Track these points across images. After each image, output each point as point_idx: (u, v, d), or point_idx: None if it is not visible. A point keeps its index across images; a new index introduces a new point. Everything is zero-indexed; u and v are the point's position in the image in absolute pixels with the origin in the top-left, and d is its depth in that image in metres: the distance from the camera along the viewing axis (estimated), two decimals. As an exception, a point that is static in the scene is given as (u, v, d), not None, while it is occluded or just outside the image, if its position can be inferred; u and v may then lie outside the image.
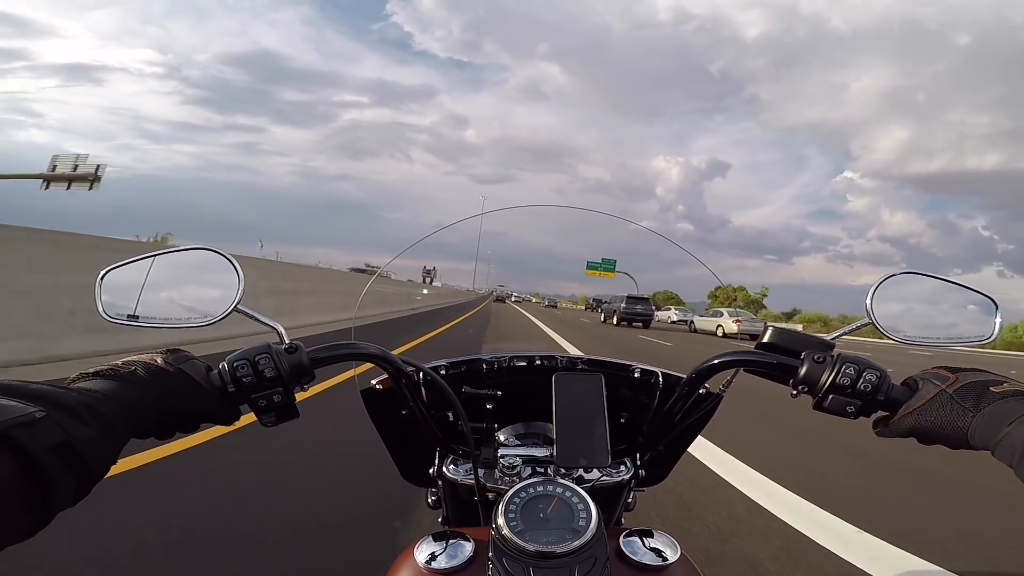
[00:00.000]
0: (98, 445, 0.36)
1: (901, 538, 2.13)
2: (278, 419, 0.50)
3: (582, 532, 0.49)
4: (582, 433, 0.64)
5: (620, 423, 0.75)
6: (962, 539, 2.25)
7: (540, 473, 0.66)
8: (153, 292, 0.54)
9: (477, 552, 0.51)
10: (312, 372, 0.51)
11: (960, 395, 0.45)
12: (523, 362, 0.78)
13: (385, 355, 0.57)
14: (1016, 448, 0.39)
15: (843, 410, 0.49)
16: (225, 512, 2.04)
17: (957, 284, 0.57)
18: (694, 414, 0.68)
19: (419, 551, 0.51)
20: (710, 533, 2.13)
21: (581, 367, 0.76)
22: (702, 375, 0.60)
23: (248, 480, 2.38)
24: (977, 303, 0.57)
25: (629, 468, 0.72)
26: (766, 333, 0.56)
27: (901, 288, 0.57)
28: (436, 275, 75.47)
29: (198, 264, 0.56)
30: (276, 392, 0.48)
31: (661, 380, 0.74)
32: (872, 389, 0.48)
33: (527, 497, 0.53)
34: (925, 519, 2.48)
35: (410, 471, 0.80)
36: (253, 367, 0.48)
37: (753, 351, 0.56)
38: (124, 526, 1.82)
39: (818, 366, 0.51)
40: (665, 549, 0.52)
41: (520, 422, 0.77)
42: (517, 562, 0.47)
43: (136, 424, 0.41)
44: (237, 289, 0.54)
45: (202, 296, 0.55)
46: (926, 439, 0.47)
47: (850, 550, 2.00)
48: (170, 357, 0.46)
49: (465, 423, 0.63)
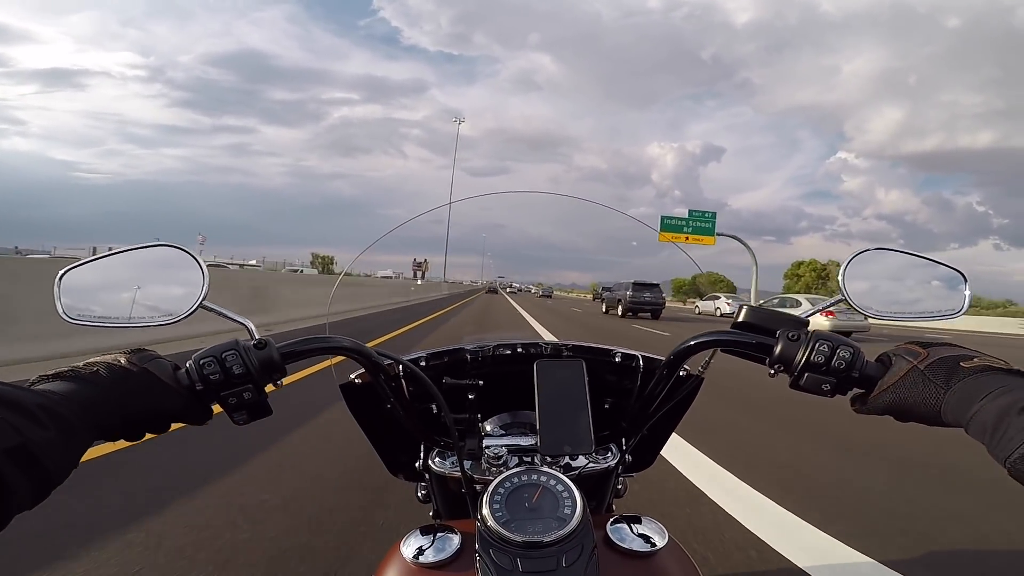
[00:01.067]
0: (57, 448, 0.36)
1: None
2: (250, 417, 0.49)
3: (568, 520, 0.49)
4: (565, 420, 0.64)
5: (604, 409, 0.75)
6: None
7: (526, 462, 0.66)
8: (115, 291, 0.53)
9: (464, 545, 0.51)
10: (283, 368, 0.50)
11: (931, 371, 0.45)
12: (506, 351, 0.78)
13: (359, 348, 0.56)
14: (987, 425, 0.39)
15: (819, 388, 0.50)
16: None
17: (927, 259, 0.58)
18: (675, 396, 0.68)
19: (406, 546, 0.51)
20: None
21: (566, 354, 0.76)
22: (680, 356, 0.60)
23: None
24: (947, 277, 0.58)
25: (615, 454, 0.72)
26: (741, 312, 0.57)
27: (873, 264, 0.58)
28: (427, 268, 73.76)
29: (161, 262, 0.55)
30: (246, 389, 0.47)
31: (642, 363, 0.74)
32: (846, 366, 0.49)
33: (511, 487, 0.53)
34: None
35: (397, 465, 0.80)
36: (220, 364, 0.47)
37: (729, 331, 0.56)
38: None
39: (792, 344, 0.51)
40: (653, 535, 0.52)
41: (505, 411, 0.77)
42: (504, 553, 0.47)
43: (99, 425, 0.40)
44: (202, 285, 0.53)
45: (166, 294, 0.54)
46: (902, 416, 0.47)
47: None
48: (134, 357, 0.45)
49: (447, 415, 0.62)
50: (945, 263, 0.58)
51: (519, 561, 0.46)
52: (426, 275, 69.25)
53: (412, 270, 77.07)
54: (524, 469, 0.55)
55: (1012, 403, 0.38)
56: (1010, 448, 0.36)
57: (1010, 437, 0.36)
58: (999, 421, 0.38)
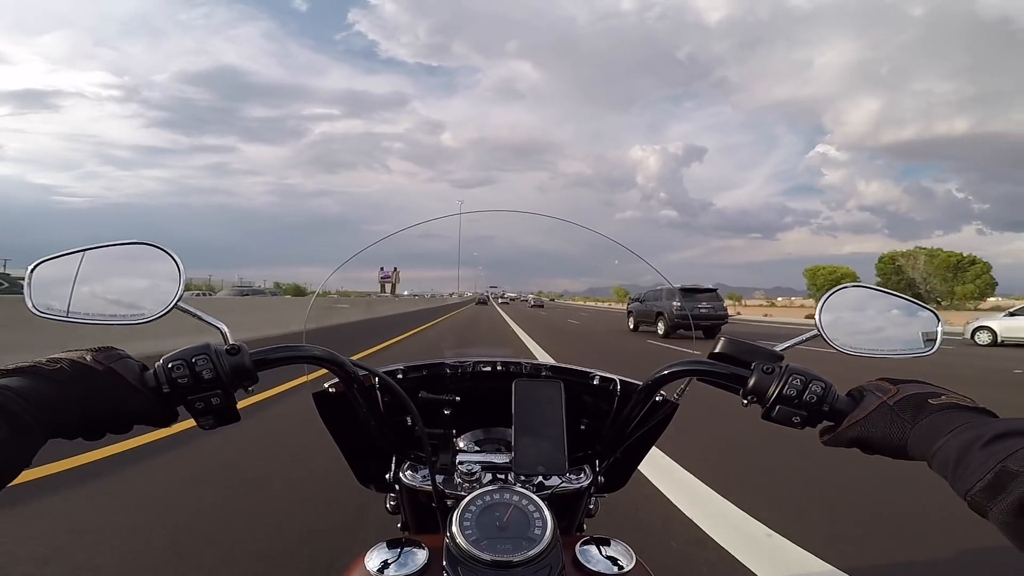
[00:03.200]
0: (7, 447, 0.35)
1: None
2: (216, 422, 0.48)
3: (537, 541, 0.48)
4: (541, 440, 0.64)
5: (580, 430, 0.75)
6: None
7: (499, 480, 0.65)
8: (88, 287, 0.52)
9: (431, 560, 0.50)
10: (255, 375, 0.49)
11: (900, 407, 0.46)
12: (486, 367, 0.77)
13: (333, 358, 0.55)
14: (949, 460, 0.40)
15: (790, 420, 0.51)
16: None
17: (903, 298, 0.60)
18: (650, 421, 0.68)
19: (370, 559, 0.50)
20: None
21: (545, 374, 0.76)
22: (657, 383, 0.61)
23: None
24: (922, 316, 0.60)
25: (588, 475, 0.72)
26: (718, 343, 0.57)
27: (849, 300, 0.59)
28: (398, 280, 63.48)
29: (137, 259, 0.54)
30: (214, 395, 0.47)
31: (619, 387, 0.74)
32: (817, 400, 0.50)
33: (483, 505, 0.52)
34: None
35: (367, 476, 0.78)
36: (190, 368, 0.46)
37: (705, 361, 0.57)
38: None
39: (766, 377, 0.51)
40: (621, 557, 0.52)
41: (480, 428, 0.76)
42: (472, 572, 0.46)
43: (56, 424, 0.39)
44: (178, 285, 0.52)
45: (141, 292, 0.53)
46: (868, 449, 0.48)
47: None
48: (100, 355, 0.44)
49: (421, 429, 0.62)
50: (918, 303, 0.60)
51: None
52: (395, 289, 59.80)
53: (379, 282, 63.89)
54: (496, 488, 0.55)
55: (974, 439, 0.39)
56: (971, 482, 0.37)
57: (972, 471, 0.38)
58: (961, 456, 0.39)
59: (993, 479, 0.36)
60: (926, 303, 0.60)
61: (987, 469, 0.36)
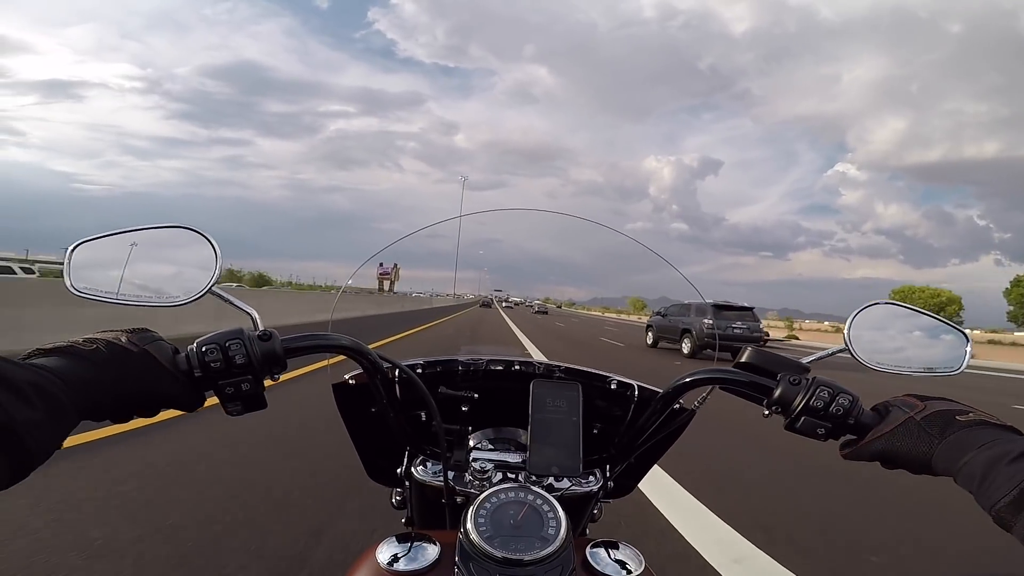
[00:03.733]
0: (42, 428, 0.34)
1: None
2: (244, 408, 0.48)
3: (551, 541, 0.49)
4: (556, 442, 0.64)
5: (593, 434, 0.75)
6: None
7: (511, 479, 0.66)
8: (125, 269, 0.53)
9: (442, 556, 0.50)
10: (284, 362, 0.50)
11: (927, 423, 0.46)
12: (500, 366, 0.78)
13: (360, 348, 0.56)
14: (975, 475, 0.40)
15: (814, 432, 0.51)
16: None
17: (932, 316, 0.60)
18: (666, 429, 0.68)
19: (381, 552, 0.50)
20: None
21: (559, 375, 0.76)
22: (677, 391, 0.61)
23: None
24: (949, 335, 0.60)
25: (598, 479, 0.72)
26: (744, 353, 0.57)
27: (878, 317, 0.59)
28: (398, 277, 60.59)
29: (175, 242, 0.55)
30: (245, 380, 0.47)
31: (637, 393, 0.74)
32: (843, 413, 0.50)
33: (498, 503, 0.52)
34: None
35: (376, 469, 0.79)
36: (223, 352, 0.46)
37: (729, 369, 0.57)
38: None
39: (793, 388, 0.51)
40: (629, 561, 0.52)
41: (493, 426, 0.76)
42: (484, 568, 0.46)
43: (90, 405, 0.39)
44: (214, 270, 0.53)
45: (177, 275, 0.54)
46: (890, 463, 0.48)
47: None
48: (135, 337, 0.44)
49: (439, 424, 0.62)
50: (947, 322, 0.60)
51: None
52: (395, 286, 57.34)
53: (377, 279, 60.75)
54: (513, 486, 0.55)
55: (1001, 455, 0.40)
56: (996, 497, 0.38)
57: (997, 486, 0.38)
58: (987, 471, 0.40)
59: (1019, 495, 0.37)
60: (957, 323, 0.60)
61: (1013, 485, 0.37)
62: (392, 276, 58.87)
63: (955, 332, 0.59)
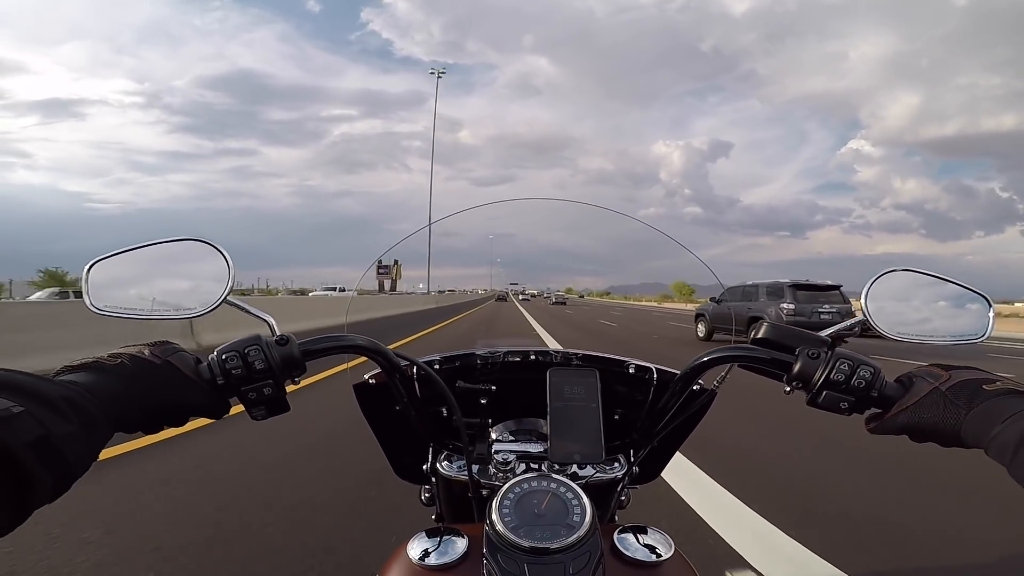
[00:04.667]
0: (79, 441, 0.36)
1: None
2: (268, 412, 0.49)
3: (576, 528, 0.49)
4: (576, 429, 0.64)
5: (614, 419, 0.75)
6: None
7: (534, 469, 0.66)
8: (142, 283, 0.54)
9: (471, 548, 0.50)
10: (303, 365, 0.51)
11: (953, 393, 0.44)
12: (517, 357, 0.78)
13: (378, 348, 0.56)
14: (1008, 446, 0.39)
15: (837, 406, 0.50)
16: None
17: (952, 282, 0.58)
18: (688, 410, 0.68)
19: (412, 548, 0.51)
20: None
21: (576, 363, 0.76)
22: (696, 371, 0.60)
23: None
24: (972, 300, 0.58)
25: (623, 465, 0.72)
26: (761, 328, 0.56)
27: (896, 285, 0.57)
28: (399, 275, 54.52)
29: (188, 256, 0.55)
30: (266, 385, 0.48)
31: (655, 376, 0.74)
32: (866, 386, 0.49)
33: (521, 493, 0.53)
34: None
35: (403, 468, 0.80)
36: (243, 359, 0.47)
37: (747, 347, 0.56)
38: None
39: (812, 362, 0.51)
40: (659, 546, 0.52)
41: (513, 418, 0.77)
42: (511, 558, 0.47)
43: (121, 418, 0.41)
44: (227, 280, 0.53)
45: (192, 287, 0.54)
46: (918, 436, 0.47)
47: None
48: (157, 349, 0.45)
49: (459, 418, 0.62)
50: (969, 287, 0.57)
51: (526, 567, 0.46)
52: (397, 284, 52.64)
53: (377, 279, 53.59)
54: (535, 475, 0.55)
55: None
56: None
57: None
58: (1020, 443, 0.38)
59: None
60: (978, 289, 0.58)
61: None
62: (393, 274, 54.92)
63: (978, 297, 0.57)
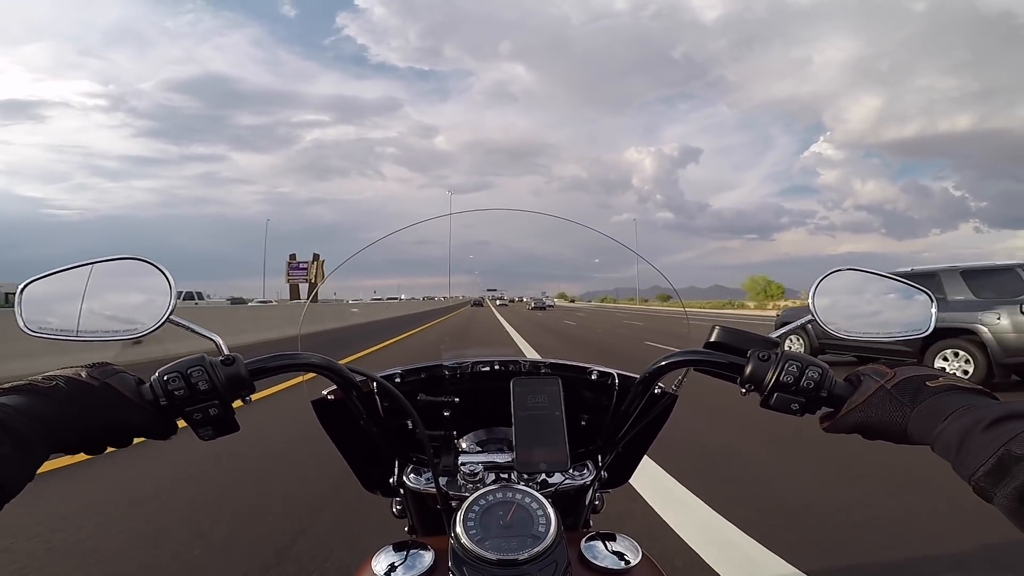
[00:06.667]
0: (10, 462, 0.35)
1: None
2: (215, 433, 0.48)
3: (542, 538, 0.48)
4: (542, 437, 0.63)
5: (581, 426, 0.75)
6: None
7: (502, 479, 0.65)
8: (79, 305, 0.51)
9: (437, 562, 0.50)
10: (251, 384, 0.49)
11: (898, 391, 0.45)
12: (484, 367, 0.77)
13: (330, 365, 0.55)
14: (952, 444, 0.39)
15: (788, 407, 0.50)
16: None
17: (895, 279, 0.60)
18: (650, 413, 0.68)
19: (377, 562, 0.50)
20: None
21: (544, 371, 0.76)
22: (654, 375, 0.61)
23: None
24: (915, 295, 0.60)
25: (592, 471, 0.72)
26: (713, 332, 0.57)
27: (843, 284, 0.59)
28: (320, 273, 39.68)
29: (127, 274, 0.53)
30: (212, 405, 0.47)
31: (617, 381, 0.74)
32: (815, 386, 0.49)
33: (486, 504, 0.52)
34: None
35: (372, 481, 0.78)
36: (185, 380, 0.46)
37: (701, 351, 0.57)
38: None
39: (763, 364, 0.51)
40: (627, 552, 0.52)
41: (482, 428, 0.76)
42: (478, 571, 0.46)
43: (56, 440, 0.39)
44: (169, 300, 0.52)
45: (133, 307, 0.53)
46: (869, 435, 0.48)
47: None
48: (95, 371, 0.44)
49: (422, 431, 0.61)
50: (912, 284, 0.59)
51: None
52: (317, 291, 36.08)
53: (287, 281, 43.34)
54: (498, 486, 0.54)
55: (975, 422, 0.39)
56: (974, 466, 0.37)
57: (974, 456, 0.37)
58: (963, 440, 0.39)
59: (996, 463, 0.36)
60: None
61: (990, 453, 0.36)
62: (313, 275, 40.19)
63: (920, 293, 0.59)
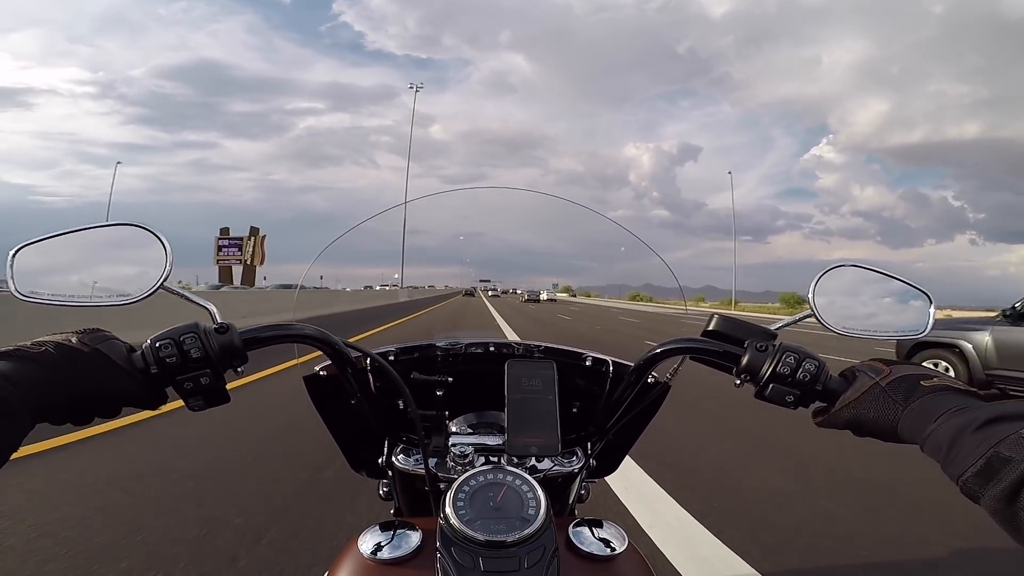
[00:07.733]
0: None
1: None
2: (206, 403, 0.47)
3: (531, 521, 0.48)
4: (534, 422, 0.63)
5: (572, 412, 0.75)
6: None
7: (492, 462, 0.65)
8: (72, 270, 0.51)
9: (425, 542, 0.50)
10: (244, 354, 0.49)
11: (892, 389, 0.45)
12: (477, 349, 0.77)
13: (326, 338, 0.54)
14: (942, 444, 0.39)
15: (783, 399, 0.50)
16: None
17: (895, 278, 0.59)
18: (642, 402, 0.68)
19: (363, 542, 0.50)
20: None
21: (537, 355, 0.76)
22: (648, 362, 0.61)
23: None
24: (914, 296, 0.60)
25: (581, 458, 0.72)
26: (711, 321, 0.57)
27: (843, 280, 0.59)
28: (261, 255, 36.80)
29: (123, 241, 0.53)
30: (204, 374, 0.46)
31: (611, 368, 0.74)
32: (810, 379, 0.49)
33: (476, 486, 0.52)
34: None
35: (360, 461, 0.78)
36: (178, 347, 0.45)
37: (698, 339, 0.57)
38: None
39: (760, 355, 0.51)
40: (613, 539, 0.52)
41: (473, 411, 0.76)
42: (466, 552, 0.46)
43: (43, 408, 0.39)
44: (165, 266, 0.51)
45: (127, 273, 0.52)
46: (860, 431, 0.48)
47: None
48: (86, 337, 0.43)
49: (413, 410, 0.61)
50: (913, 284, 0.59)
51: (480, 560, 0.45)
52: (256, 273, 32.65)
53: (217, 263, 38.18)
54: (490, 468, 0.54)
55: (966, 423, 0.39)
56: (963, 467, 0.37)
57: (964, 456, 0.37)
58: (953, 440, 0.39)
59: (985, 464, 0.36)
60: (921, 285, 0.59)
61: (979, 454, 0.36)
62: (249, 255, 33.29)
63: (920, 294, 0.59)
